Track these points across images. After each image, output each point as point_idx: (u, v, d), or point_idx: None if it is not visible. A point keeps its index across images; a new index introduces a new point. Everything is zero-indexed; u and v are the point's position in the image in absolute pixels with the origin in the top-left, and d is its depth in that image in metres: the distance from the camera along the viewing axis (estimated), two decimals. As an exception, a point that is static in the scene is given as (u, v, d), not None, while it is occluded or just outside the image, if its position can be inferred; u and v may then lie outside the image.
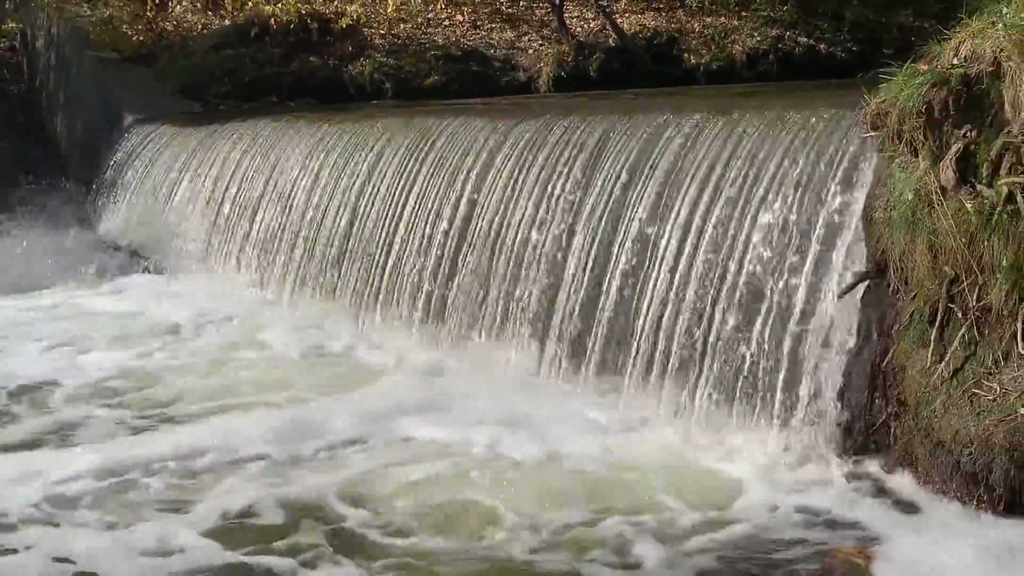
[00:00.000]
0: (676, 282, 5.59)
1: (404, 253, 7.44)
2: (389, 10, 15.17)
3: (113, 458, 5.18)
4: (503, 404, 5.81)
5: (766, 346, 5.11)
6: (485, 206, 6.95)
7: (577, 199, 6.38)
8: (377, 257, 7.67)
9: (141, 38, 15.42)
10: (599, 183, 6.29)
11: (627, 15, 15.61)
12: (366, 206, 7.98)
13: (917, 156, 4.43)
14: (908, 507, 4.36)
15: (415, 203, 7.52)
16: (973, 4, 4.45)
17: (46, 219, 11.85)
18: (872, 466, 4.66)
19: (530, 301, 6.42)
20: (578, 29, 15.19)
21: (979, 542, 3.98)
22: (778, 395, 5.02)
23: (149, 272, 10.17)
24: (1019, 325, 4.14)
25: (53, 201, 12.50)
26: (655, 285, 5.69)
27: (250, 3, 15.15)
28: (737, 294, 5.29)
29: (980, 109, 4.22)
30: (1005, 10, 4.23)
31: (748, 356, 5.18)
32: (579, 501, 4.63)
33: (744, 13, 15.28)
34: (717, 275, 5.41)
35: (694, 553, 4.14)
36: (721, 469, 4.89)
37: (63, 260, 10.19)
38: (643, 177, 6.05)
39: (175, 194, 10.61)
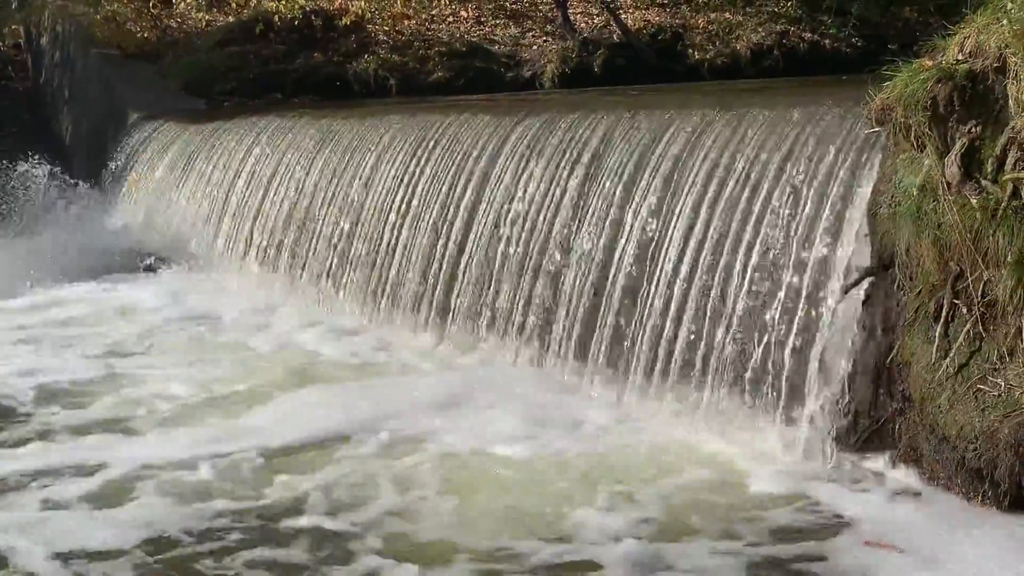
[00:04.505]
0: (680, 278, 5.58)
1: (408, 249, 7.45)
2: (396, 7, 15.17)
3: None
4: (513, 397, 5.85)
5: (771, 342, 5.11)
6: (490, 202, 6.96)
7: (581, 195, 6.38)
8: (382, 253, 7.69)
9: (145, 35, 15.46)
10: (603, 179, 6.29)
11: (631, 11, 15.62)
12: (370, 201, 8.01)
13: (922, 152, 4.43)
14: (912, 503, 4.35)
15: (419, 200, 7.54)
16: (978, -1, 4.45)
17: (51, 216, 11.85)
18: (877, 462, 4.66)
19: (532, 296, 6.42)
20: (582, 25, 15.20)
21: (983, 538, 3.98)
22: (783, 390, 5.02)
23: (154, 269, 10.18)
24: (1024, 321, 4.14)
25: (58, 199, 12.50)
26: (659, 280, 5.69)
27: (254, 0, 15.18)
28: (742, 290, 5.29)
29: (985, 105, 4.21)
30: (1010, 5, 4.22)
31: (752, 352, 5.18)
32: (583, 493, 4.64)
33: (748, 9, 15.28)
34: (721, 270, 5.41)
35: (697, 548, 4.13)
36: (724, 464, 4.89)
37: (67, 258, 10.17)
38: (647, 174, 6.05)
39: (180, 191, 10.63)
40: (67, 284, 9.45)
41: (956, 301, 4.35)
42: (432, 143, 7.77)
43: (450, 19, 15.68)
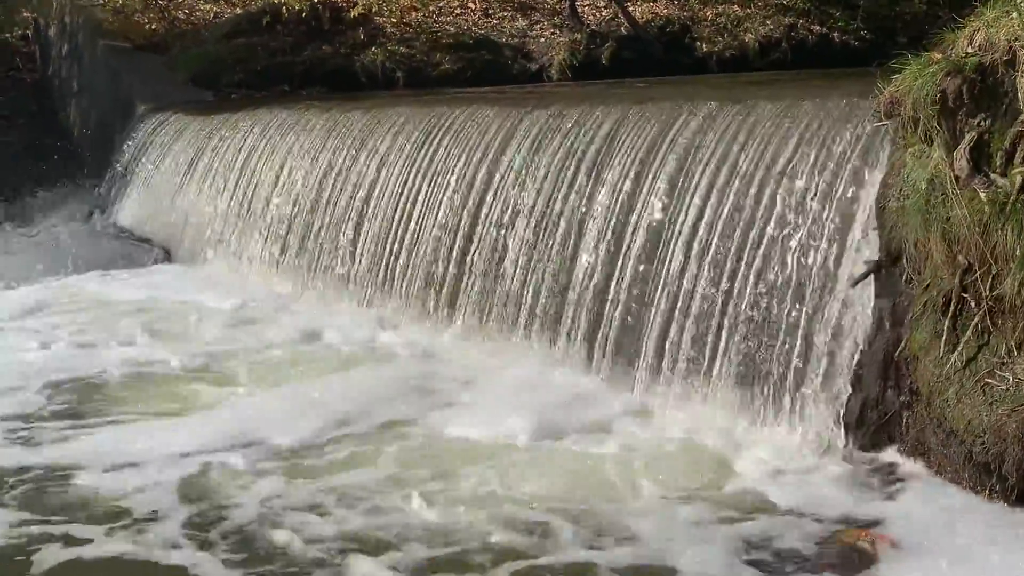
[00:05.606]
0: (688, 272, 5.58)
1: (416, 241, 7.46)
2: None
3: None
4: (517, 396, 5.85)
5: (779, 335, 5.11)
6: (497, 194, 6.96)
7: (589, 188, 6.38)
8: (389, 245, 7.69)
9: (153, 27, 15.46)
10: (611, 172, 6.29)
11: (639, 3, 15.56)
12: (378, 194, 8.01)
13: (931, 145, 4.42)
14: (920, 497, 4.35)
15: (427, 192, 7.55)
16: (987, -8, 4.43)
17: (58, 207, 11.89)
18: (884, 455, 4.66)
19: (542, 289, 6.42)
20: (590, 17, 15.16)
21: (991, 531, 3.98)
22: (790, 384, 5.02)
23: (160, 261, 10.19)
24: (1032, 315, 4.13)
25: (65, 190, 12.54)
26: (667, 273, 5.69)
27: (262, -8, 15.19)
28: (750, 284, 5.29)
29: (994, 98, 4.20)
30: (1020, -1, 4.21)
31: (761, 345, 5.18)
32: (585, 486, 4.66)
33: (757, 1, 15.22)
34: (729, 265, 5.41)
35: (704, 540, 4.15)
36: (733, 457, 4.90)
37: (74, 248, 10.20)
38: (656, 166, 6.04)
39: (187, 183, 10.63)
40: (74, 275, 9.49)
41: (964, 295, 4.34)
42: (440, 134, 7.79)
43: (458, 11, 15.64)
